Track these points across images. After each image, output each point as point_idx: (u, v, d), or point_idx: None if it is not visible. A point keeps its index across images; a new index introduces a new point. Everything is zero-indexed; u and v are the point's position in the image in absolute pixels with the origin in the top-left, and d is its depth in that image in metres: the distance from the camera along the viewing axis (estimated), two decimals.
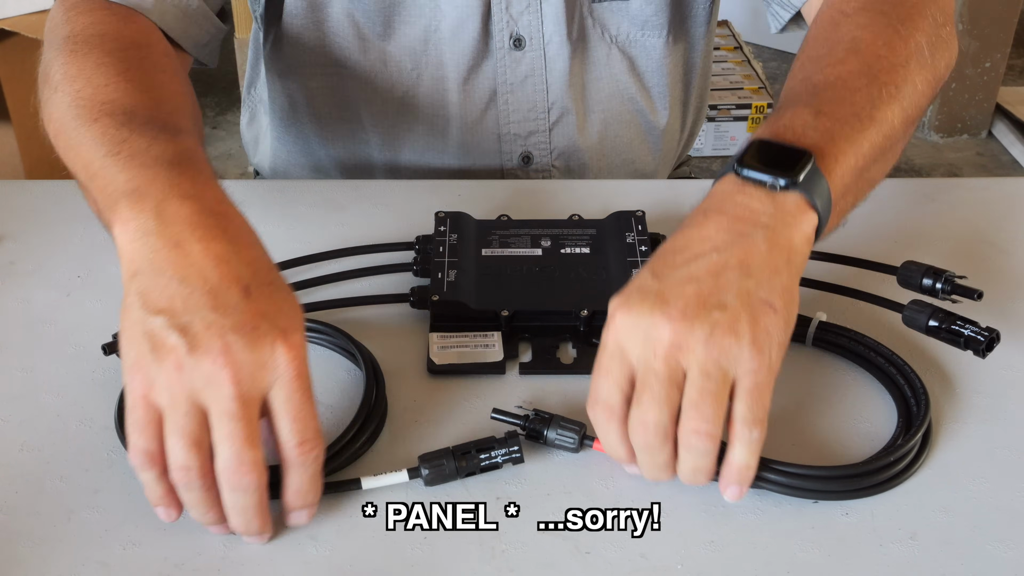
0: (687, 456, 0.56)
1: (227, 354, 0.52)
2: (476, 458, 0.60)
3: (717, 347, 0.54)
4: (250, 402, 0.52)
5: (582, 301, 0.71)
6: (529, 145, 0.96)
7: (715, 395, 0.54)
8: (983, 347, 0.65)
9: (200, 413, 0.53)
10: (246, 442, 0.52)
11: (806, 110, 0.63)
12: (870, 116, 0.64)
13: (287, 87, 0.98)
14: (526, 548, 0.57)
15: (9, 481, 0.61)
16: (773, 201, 0.58)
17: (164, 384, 0.52)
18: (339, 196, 0.88)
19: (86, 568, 0.56)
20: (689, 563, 0.56)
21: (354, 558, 0.56)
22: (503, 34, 0.91)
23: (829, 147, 0.61)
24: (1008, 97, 2.84)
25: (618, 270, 0.74)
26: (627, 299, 0.57)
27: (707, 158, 2.75)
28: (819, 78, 0.67)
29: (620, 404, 0.56)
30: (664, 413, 0.55)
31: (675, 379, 0.55)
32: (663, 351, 0.54)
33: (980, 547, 0.57)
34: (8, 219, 0.85)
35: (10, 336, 0.72)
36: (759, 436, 0.55)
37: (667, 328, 0.54)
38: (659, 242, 0.78)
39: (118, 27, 0.74)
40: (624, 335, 0.56)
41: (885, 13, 0.72)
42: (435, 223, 0.78)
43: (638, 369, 0.56)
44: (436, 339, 0.70)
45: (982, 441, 0.64)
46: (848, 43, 0.70)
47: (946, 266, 0.70)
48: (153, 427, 0.53)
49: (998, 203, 0.88)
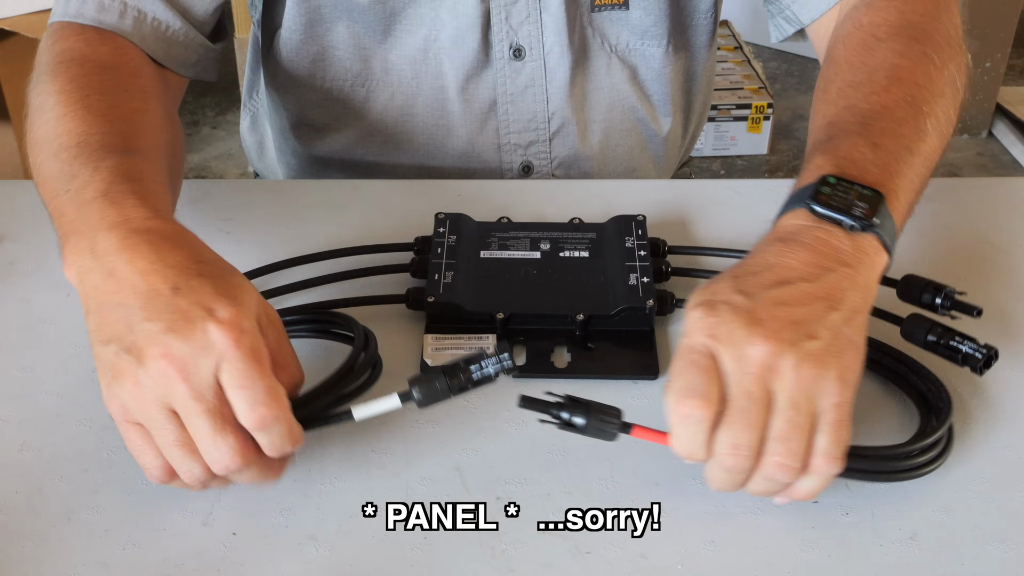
0: (763, 483, 0.55)
1: (168, 355, 0.53)
2: (467, 371, 0.57)
3: (807, 377, 0.53)
4: (205, 392, 0.53)
5: (578, 305, 0.71)
6: (529, 155, 0.96)
7: (803, 429, 0.54)
8: (981, 364, 0.65)
9: (175, 416, 0.54)
10: (217, 434, 0.53)
11: (862, 142, 0.64)
12: (917, 149, 0.66)
13: (287, 101, 0.97)
14: (526, 548, 0.57)
15: (9, 481, 0.61)
16: (852, 241, 0.58)
17: (133, 404, 0.54)
18: (338, 196, 0.88)
19: (86, 568, 0.56)
20: (689, 563, 0.56)
21: (354, 558, 0.56)
22: (503, 44, 0.91)
23: (890, 184, 0.62)
24: (1008, 97, 2.84)
25: (616, 275, 0.73)
26: (716, 309, 0.55)
27: (707, 158, 2.75)
28: (864, 106, 0.68)
29: (718, 403, 0.54)
30: (757, 438, 0.54)
31: (767, 402, 0.54)
32: (756, 371, 0.53)
33: (980, 547, 0.57)
34: (8, 219, 0.85)
35: (10, 336, 0.72)
36: (835, 473, 0.55)
37: (762, 349, 0.53)
38: (659, 247, 0.78)
39: (89, 51, 0.76)
40: (716, 340, 0.54)
41: (918, 40, 0.73)
42: (435, 224, 0.78)
43: (730, 383, 0.54)
44: (431, 340, 0.70)
45: (982, 441, 0.64)
46: (888, 70, 0.70)
47: (946, 266, 0.70)
48: (150, 445, 0.55)
49: (998, 203, 0.88)
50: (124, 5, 0.80)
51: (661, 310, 0.72)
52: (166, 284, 0.55)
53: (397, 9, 0.90)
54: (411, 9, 0.90)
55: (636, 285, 0.72)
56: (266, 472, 0.56)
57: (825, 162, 0.63)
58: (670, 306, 0.73)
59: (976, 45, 2.67)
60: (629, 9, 0.92)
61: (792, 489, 0.56)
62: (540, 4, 0.90)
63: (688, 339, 0.55)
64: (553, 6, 0.90)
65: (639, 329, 0.71)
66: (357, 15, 0.90)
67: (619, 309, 0.70)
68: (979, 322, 0.67)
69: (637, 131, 1.00)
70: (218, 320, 0.53)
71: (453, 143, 0.95)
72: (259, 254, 0.79)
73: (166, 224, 0.59)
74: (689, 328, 0.56)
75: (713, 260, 0.78)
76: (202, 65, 0.87)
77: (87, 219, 0.59)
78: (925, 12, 0.76)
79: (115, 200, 0.59)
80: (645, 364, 0.69)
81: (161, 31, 0.81)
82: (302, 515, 0.59)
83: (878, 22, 0.76)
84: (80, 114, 0.68)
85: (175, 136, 0.76)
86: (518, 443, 0.64)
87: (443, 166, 0.97)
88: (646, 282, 0.72)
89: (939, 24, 0.76)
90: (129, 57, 0.78)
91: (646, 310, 0.70)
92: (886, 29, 0.75)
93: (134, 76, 0.76)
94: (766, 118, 2.70)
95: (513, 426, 0.65)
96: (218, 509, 0.59)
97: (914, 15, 0.75)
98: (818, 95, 0.75)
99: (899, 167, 0.64)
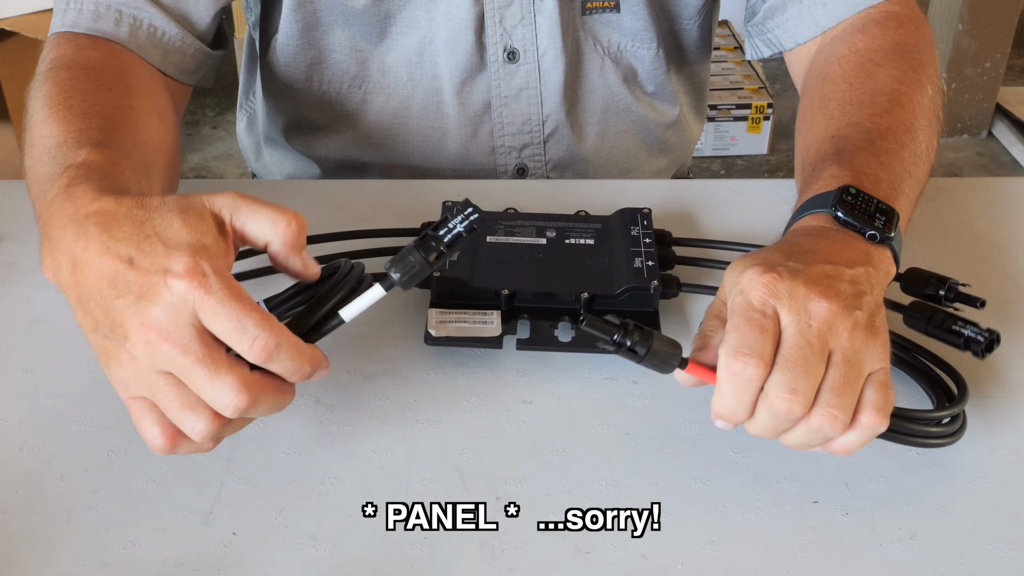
0: (807, 434, 0.56)
1: (145, 323, 0.53)
2: (436, 237, 0.57)
3: (860, 339, 0.56)
4: (190, 343, 0.53)
5: (583, 284, 0.71)
6: (524, 157, 0.96)
7: (856, 386, 0.56)
8: (983, 348, 0.65)
9: (172, 378, 0.54)
10: (214, 377, 0.53)
11: (872, 159, 0.68)
12: (914, 172, 0.70)
13: (283, 104, 0.97)
14: (526, 548, 0.57)
15: (9, 481, 0.61)
16: (869, 249, 0.62)
17: (131, 378, 0.55)
18: (339, 196, 0.88)
19: (86, 568, 0.56)
20: (689, 563, 0.56)
21: (354, 558, 0.57)
22: (497, 47, 0.91)
23: (896, 203, 0.66)
24: (1008, 97, 2.84)
25: (621, 259, 0.74)
26: (774, 267, 0.57)
27: (707, 158, 2.75)
28: (869, 125, 0.72)
29: (771, 360, 0.55)
30: (814, 386, 0.55)
31: (825, 356, 0.55)
32: (818, 325, 0.55)
33: (980, 547, 0.58)
34: (8, 219, 0.85)
35: (10, 336, 0.73)
36: (880, 431, 0.56)
37: (824, 306, 0.55)
38: (665, 238, 0.78)
39: (79, 55, 0.76)
40: (776, 297, 0.56)
41: (914, 69, 0.78)
42: (442, 212, 0.78)
43: (789, 335, 0.55)
44: (435, 314, 0.70)
45: (982, 441, 0.64)
46: (888, 95, 0.75)
47: (946, 266, 0.70)
48: (150, 413, 0.56)
49: (998, 203, 0.88)
50: (119, 13, 0.80)
51: (666, 293, 0.73)
52: (121, 259, 0.55)
53: (392, 11, 0.90)
54: (406, 11, 0.90)
55: (641, 267, 0.72)
56: (278, 398, 0.56)
57: (841, 172, 0.66)
58: (675, 289, 0.73)
59: (976, 45, 2.67)
60: (620, 12, 0.92)
61: (833, 443, 0.57)
62: (534, 7, 0.90)
63: (745, 296, 0.56)
64: (547, 9, 0.90)
65: (643, 310, 0.71)
66: (353, 18, 0.90)
67: (623, 289, 0.71)
68: (979, 322, 0.67)
69: (632, 132, 1.00)
70: (177, 275, 0.54)
71: (448, 145, 0.96)
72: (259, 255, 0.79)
73: (111, 200, 0.58)
74: (746, 285, 0.57)
75: (719, 252, 0.79)
76: (202, 72, 0.87)
77: (51, 218, 0.60)
78: (916, 45, 0.80)
79: (72, 194, 0.60)
80: None
81: (157, 38, 0.82)
82: (302, 515, 0.59)
83: (875, 48, 0.79)
84: (61, 114, 0.69)
85: (163, 131, 0.75)
86: (518, 443, 0.64)
87: (438, 168, 0.97)
88: (651, 265, 0.72)
89: (928, 57, 0.80)
90: (119, 60, 0.78)
91: (651, 290, 0.71)
92: (883, 55, 0.78)
93: (121, 76, 0.76)
94: (766, 118, 2.70)
95: (513, 426, 0.65)
96: (218, 509, 0.59)
97: (907, 45, 0.80)
98: (814, 109, 0.77)
99: (902, 187, 0.68)
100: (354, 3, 0.88)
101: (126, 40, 0.80)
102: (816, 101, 0.77)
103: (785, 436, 0.56)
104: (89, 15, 0.79)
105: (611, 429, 0.65)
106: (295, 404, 0.66)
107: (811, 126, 0.76)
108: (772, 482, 0.61)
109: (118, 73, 0.76)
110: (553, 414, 0.66)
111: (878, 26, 0.81)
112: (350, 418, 0.65)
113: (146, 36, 0.81)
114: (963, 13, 2.62)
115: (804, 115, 0.79)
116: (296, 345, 0.55)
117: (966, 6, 2.61)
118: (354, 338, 0.71)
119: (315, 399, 0.67)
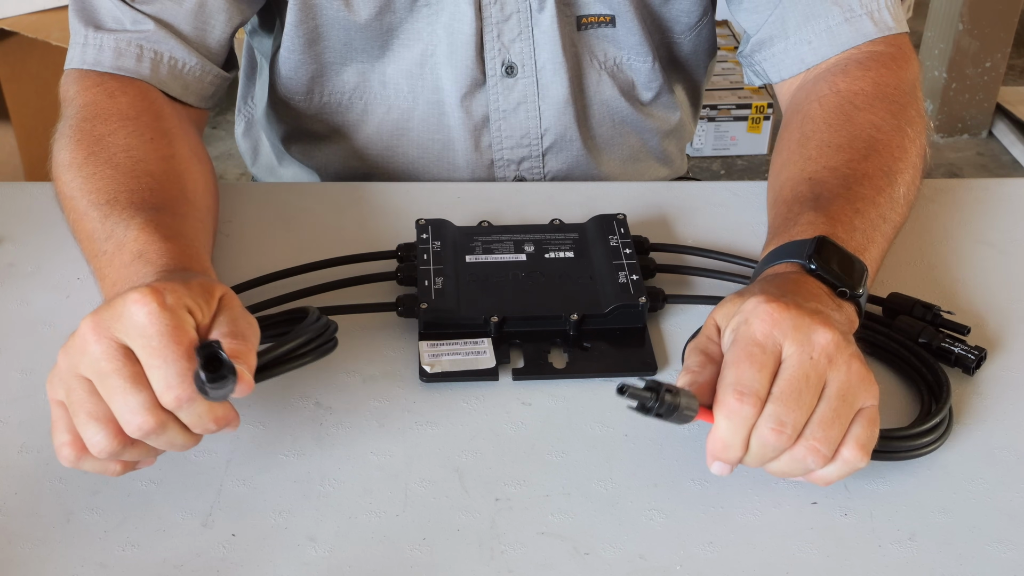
0: (789, 463, 0.56)
1: (92, 323, 0.55)
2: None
3: (856, 373, 0.57)
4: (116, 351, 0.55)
5: (571, 305, 0.71)
6: (522, 170, 0.96)
7: (844, 421, 0.56)
8: (973, 365, 0.68)
9: (89, 384, 0.55)
10: (128, 392, 0.54)
11: (848, 207, 0.69)
12: (890, 218, 0.71)
13: (284, 114, 0.97)
14: (525, 549, 0.57)
15: (8, 482, 0.61)
16: (840, 305, 0.63)
17: (57, 379, 0.56)
18: (337, 197, 0.88)
19: (85, 569, 0.56)
20: (689, 563, 0.56)
21: (354, 558, 0.57)
22: (495, 61, 0.91)
23: (866, 254, 0.67)
24: (1008, 97, 2.84)
25: (605, 273, 0.74)
26: (777, 300, 0.58)
27: (707, 158, 2.75)
28: (847, 171, 0.73)
29: (767, 396, 0.56)
30: (802, 419, 0.56)
31: (819, 389, 0.56)
32: (819, 357, 0.56)
33: (979, 547, 0.58)
34: (8, 220, 0.85)
35: (10, 337, 0.73)
36: (861, 466, 0.57)
37: (828, 336, 0.56)
38: (643, 244, 0.78)
39: (111, 103, 0.78)
40: (780, 329, 0.56)
41: (894, 114, 0.78)
42: (416, 231, 0.78)
43: (788, 366, 0.56)
44: (426, 347, 0.70)
45: (981, 441, 0.64)
46: (867, 140, 0.75)
47: (945, 266, 0.70)
48: (61, 420, 0.57)
49: (998, 203, 0.88)
50: (140, 48, 0.81)
51: (652, 307, 0.73)
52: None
53: (395, 24, 0.90)
54: (408, 24, 0.90)
55: (626, 283, 0.72)
56: (184, 436, 0.56)
57: (817, 219, 0.68)
58: (660, 302, 0.74)
59: (976, 45, 2.67)
60: (616, 27, 0.93)
61: (813, 473, 0.57)
62: (532, 21, 0.90)
63: (749, 326, 0.57)
64: (545, 23, 0.90)
65: (631, 326, 0.71)
66: (355, 32, 0.90)
67: (612, 307, 0.71)
68: (978, 322, 0.68)
69: (629, 144, 1.00)
70: (138, 289, 0.55)
71: (447, 158, 0.96)
72: (258, 258, 0.79)
73: (129, 277, 0.63)
74: (751, 314, 0.57)
75: (695, 259, 0.79)
76: (220, 95, 0.88)
77: (129, 279, 0.63)
78: (897, 86, 0.81)
79: (150, 260, 0.63)
80: (642, 360, 0.70)
81: (178, 69, 0.83)
82: (302, 516, 0.59)
83: (855, 90, 0.80)
84: (109, 173, 0.71)
85: (204, 174, 0.78)
86: (517, 444, 0.64)
87: (437, 180, 0.97)
88: (635, 279, 0.72)
89: (911, 99, 0.80)
90: (149, 102, 0.80)
91: (639, 307, 0.71)
92: (864, 99, 0.79)
93: (156, 120, 0.78)
94: (766, 118, 2.70)
95: (512, 428, 0.65)
96: (217, 510, 0.59)
97: (888, 88, 0.80)
98: (792, 146, 0.78)
99: (875, 236, 0.69)
100: (357, 18, 0.88)
101: (148, 76, 0.81)
102: (795, 138, 0.78)
103: (770, 464, 0.57)
104: (111, 52, 0.80)
105: (610, 431, 0.65)
106: (295, 406, 0.66)
107: (787, 162, 0.77)
108: (771, 483, 0.61)
109: (154, 117, 0.78)
110: (552, 416, 0.66)
111: (860, 67, 0.82)
112: (349, 420, 0.65)
113: (167, 70, 0.82)
114: (963, 13, 2.62)
115: (781, 149, 0.80)
116: (207, 407, 0.55)
117: (966, 6, 2.61)
118: (353, 340, 0.71)
119: (314, 401, 0.67)
